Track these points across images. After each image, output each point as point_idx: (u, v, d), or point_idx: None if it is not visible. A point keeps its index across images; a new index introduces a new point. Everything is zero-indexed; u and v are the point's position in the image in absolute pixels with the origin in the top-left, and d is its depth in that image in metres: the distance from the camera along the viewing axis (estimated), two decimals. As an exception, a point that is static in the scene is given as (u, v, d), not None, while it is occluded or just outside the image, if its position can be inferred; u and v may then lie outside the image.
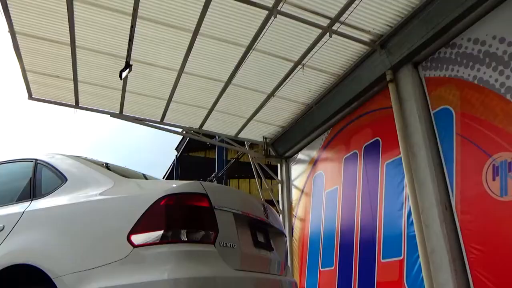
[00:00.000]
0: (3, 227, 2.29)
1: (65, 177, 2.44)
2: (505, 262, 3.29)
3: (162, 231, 1.93)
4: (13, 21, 4.41)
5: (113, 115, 6.34)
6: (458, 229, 3.72)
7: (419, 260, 3.91)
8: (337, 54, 4.91)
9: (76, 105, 6.08)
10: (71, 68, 5.21)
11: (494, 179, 3.46)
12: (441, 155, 4.03)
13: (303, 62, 4.98)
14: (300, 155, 6.85)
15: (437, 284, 3.70)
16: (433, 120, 4.20)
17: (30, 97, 5.90)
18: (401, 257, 4.25)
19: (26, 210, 2.33)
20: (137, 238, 1.93)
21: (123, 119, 6.39)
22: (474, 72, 3.80)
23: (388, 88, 4.58)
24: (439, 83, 4.19)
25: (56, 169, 2.53)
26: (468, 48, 3.90)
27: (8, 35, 4.60)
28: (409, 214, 4.17)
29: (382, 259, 4.50)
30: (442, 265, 3.70)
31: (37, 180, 2.56)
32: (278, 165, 7.41)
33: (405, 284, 4.12)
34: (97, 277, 1.89)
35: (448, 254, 3.67)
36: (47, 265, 2.00)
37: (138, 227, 1.96)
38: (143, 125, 6.59)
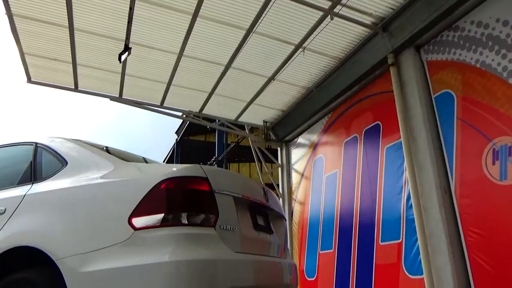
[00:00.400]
0: (5, 210, 2.31)
1: (65, 160, 2.45)
2: (503, 246, 3.32)
3: (162, 214, 1.95)
4: (10, 3, 4.35)
5: (112, 98, 6.30)
6: (457, 213, 3.75)
7: (417, 243, 3.94)
8: (339, 37, 4.85)
9: (76, 89, 6.03)
10: (70, 51, 5.16)
11: (494, 164, 3.47)
12: (441, 139, 4.03)
13: (304, 45, 4.92)
14: (300, 139, 6.84)
15: (434, 267, 3.75)
16: (434, 104, 4.18)
17: (29, 80, 5.85)
18: (400, 240, 4.29)
19: (27, 193, 2.35)
20: (138, 221, 1.95)
21: (122, 103, 6.36)
22: (476, 56, 3.76)
23: (390, 72, 4.54)
24: (441, 67, 4.15)
25: (56, 153, 2.53)
26: (471, 31, 3.86)
27: (6, 18, 4.54)
28: (408, 197, 4.19)
29: (381, 242, 4.54)
30: (440, 248, 3.73)
31: (38, 163, 2.57)
32: (278, 149, 7.41)
33: (403, 267, 4.17)
34: (98, 259, 1.91)
35: (446, 237, 3.70)
36: (48, 248, 2.02)
37: (139, 210, 1.97)
38: (143, 108, 6.56)
